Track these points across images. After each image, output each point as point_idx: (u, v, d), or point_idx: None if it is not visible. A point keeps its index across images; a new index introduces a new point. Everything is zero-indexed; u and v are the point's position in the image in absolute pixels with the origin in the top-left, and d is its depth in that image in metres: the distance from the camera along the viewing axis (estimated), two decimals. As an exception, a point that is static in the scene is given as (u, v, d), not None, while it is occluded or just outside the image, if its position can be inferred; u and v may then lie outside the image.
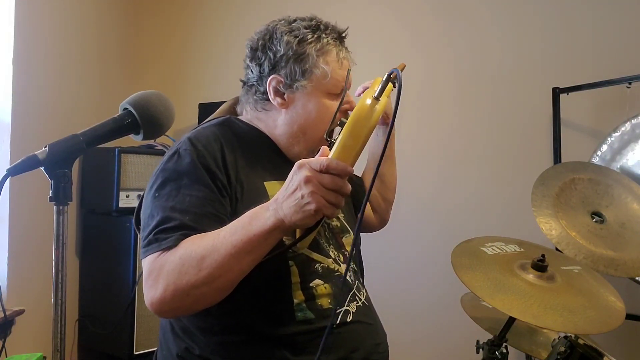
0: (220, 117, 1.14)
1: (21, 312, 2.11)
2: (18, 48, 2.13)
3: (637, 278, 1.77)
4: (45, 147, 0.79)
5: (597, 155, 2.00)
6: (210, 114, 1.18)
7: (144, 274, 0.88)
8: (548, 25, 2.32)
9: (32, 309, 2.15)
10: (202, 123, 1.12)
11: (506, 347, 1.29)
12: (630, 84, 1.95)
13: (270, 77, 1.05)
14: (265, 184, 1.02)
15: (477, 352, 1.34)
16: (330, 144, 0.84)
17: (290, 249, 0.96)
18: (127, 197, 2.38)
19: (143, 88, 0.94)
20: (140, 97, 0.89)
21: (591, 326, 1.06)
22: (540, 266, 1.19)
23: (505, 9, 2.41)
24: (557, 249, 1.57)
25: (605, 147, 1.99)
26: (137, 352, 2.30)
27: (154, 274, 0.86)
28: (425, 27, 2.56)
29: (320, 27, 1.06)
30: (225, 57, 2.83)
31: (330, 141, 0.84)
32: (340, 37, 1.09)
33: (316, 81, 1.04)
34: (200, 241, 0.86)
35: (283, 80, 1.04)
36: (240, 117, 1.15)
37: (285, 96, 1.06)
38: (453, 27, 2.51)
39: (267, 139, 1.10)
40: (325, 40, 1.05)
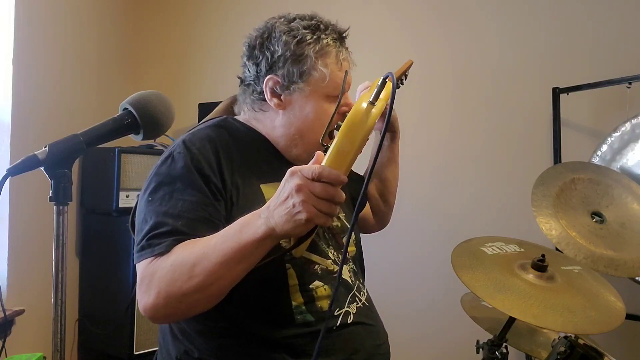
0: (217, 117, 1.12)
1: (21, 312, 2.10)
2: (18, 48, 2.13)
3: (637, 278, 1.77)
4: (45, 147, 0.79)
5: (597, 155, 2.00)
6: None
7: (137, 280, 0.87)
8: (548, 25, 2.32)
9: (32, 309, 2.15)
10: (199, 123, 1.09)
11: (506, 347, 1.29)
12: (630, 84, 1.95)
13: (267, 78, 1.02)
14: (262, 187, 1.00)
15: (477, 352, 1.34)
16: (326, 149, 0.81)
17: (287, 253, 0.94)
18: (127, 197, 2.38)
19: (143, 88, 0.94)
20: (140, 97, 0.88)
21: (591, 326, 1.06)
22: (540, 266, 1.19)
23: (505, 9, 2.41)
24: (557, 249, 1.57)
25: (605, 147, 1.99)
26: (137, 352, 2.30)
27: (146, 280, 0.85)
28: (424, 27, 2.56)
29: (320, 27, 1.03)
30: (225, 57, 2.83)
31: (326, 146, 0.82)
32: (340, 38, 1.06)
33: (314, 84, 1.01)
34: (192, 248, 0.85)
35: (280, 81, 1.02)
36: (238, 118, 1.12)
37: (282, 97, 1.03)
38: (453, 27, 2.51)
39: (265, 141, 1.07)
40: (324, 41, 1.02)
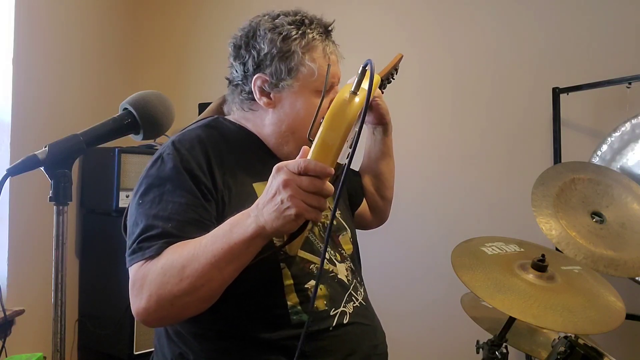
0: (208, 117, 1.11)
1: (21, 312, 2.10)
2: (18, 48, 2.12)
3: (637, 278, 1.77)
4: (45, 147, 0.79)
5: (597, 155, 2.00)
6: (210, 113, 1.17)
7: (129, 283, 0.87)
8: (548, 25, 2.32)
9: (32, 309, 2.15)
10: (189, 125, 1.09)
11: (506, 347, 1.29)
12: (630, 84, 1.95)
13: (255, 77, 1.01)
14: (255, 185, 0.99)
15: (477, 352, 1.34)
16: (312, 143, 0.80)
17: (281, 251, 0.93)
18: (127, 197, 2.38)
19: (143, 88, 0.94)
20: (140, 97, 0.88)
21: (591, 326, 1.06)
22: (540, 266, 1.19)
23: (505, 9, 2.41)
24: (557, 249, 1.57)
25: (605, 147, 1.99)
26: (137, 352, 2.30)
27: (137, 284, 0.85)
28: (424, 27, 2.56)
29: (305, 22, 1.02)
30: (225, 57, 2.81)
31: (312, 141, 0.80)
32: (326, 31, 1.05)
33: (303, 79, 1.01)
34: (182, 250, 0.84)
35: (268, 79, 1.01)
36: (228, 117, 1.11)
37: (272, 96, 1.02)
38: (452, 27, 2.51)
39: (256, 139, 1.06)
40: (310, 35, 1.01)
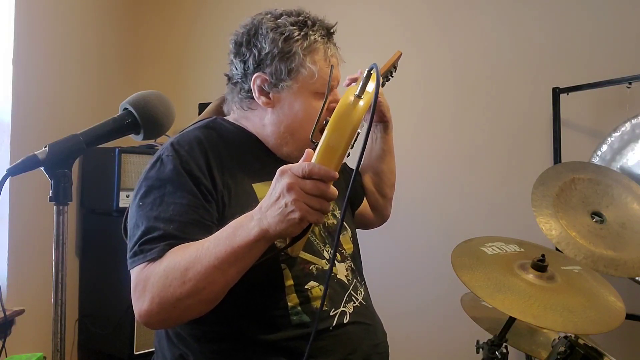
0: (207, 118, 1.11)
1: (21, 312, 2.10)
2: (18, 48, 2.12)
3: (637, 278, 1.77)
4: (45, 147, 0.79)
5: (597, 155, 2.00)
6: (210, 114, 1.17)
7: (132, 286, 0.87)
8: (548, 25, 2.32)
9: (32, 309, 2.15)
10: (188, 126, 1.08)
11: (506, 347, 1.29)
12: (630, 84, 1.95)
13: (255, 75, 1.01)
14: (254, 186, 0.99)
15: (477, 352, 1.34)
16: (316, 146, 0.79)
17: (283, 252, 0.93)
18: (127, 197, 2.38)
19: (143, 88, 0.94)
20: (140, 97, 0.88)
21: (591, 326, 1.06)
22: (540, 266, 1.19)
23: (505, 9, 2.41)
24: (557, 249, 1.57)
25: (605, 147, 1.99)
26: (137, 352, 2.30)
27: (140, 286, 0.85)
28: (423, 27, 2.56)
29: (308, 23, 1.01)
30: (225, 57, 2.82)
31: (315, 143, 0.80)
32: (328, 34, 1.04)
33: (303, 81, 1.00)
34: (184, 252, 0.84)
35: (268, 79, 1.00)
36: (227, 118, 1.11)
37: (271, 95, 1.01)
38: (452, 27, 2.50)
39: (255, 140, 1.06)
40: (312, 37, 1.00)
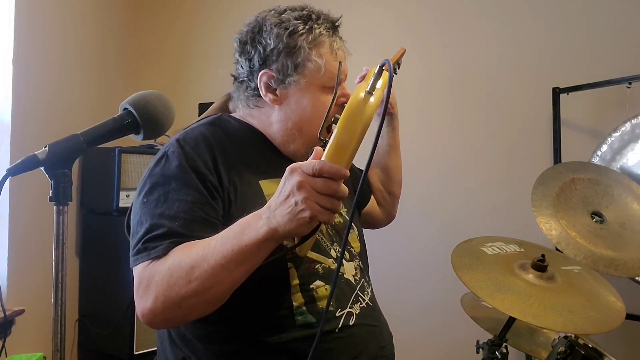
0: (212, 115, 1.10)
1: (21, 312, 2.10)
2: (18, 48, 2.13)
3: (637, 278, 1.77)
4: (45, 147, 0.79)
5: (597, 155, 2.00)
6: (210, 114, 1.17)
7: (134, 284, 0.85)
8: (548, 25, 2.32)
9: (32, 309, 2.15)
10: (193, 123, 1.07)
11: (506, 347, 1.29)
12: (630, 84, 1.95)
13: (260, 73, 1.00)
14: (261, 183, 0.98)
15: (477, 352, 1.34)
16: (324, 144, 0.78)
17: (290, 251, 0.92)
18: (127, 197, 2.38)
19: (143, 88, 0.94)
20: (140, 97, 0.88)
21: (591, 326, 1.06)
22: (540, 266, 1.19)
23: (505, 9, 2.41)
24: (557, 249, 1.57)
25: (605, 147, 1.99)
26: (137, 352, 2.30)
27: (143, 285, 0.83)
28: (423, 27, 2.56)
29: (312, 17, 1.01)
30: (226, 57, 2.81)
31: (324, 140, 0.78)
32: (333, 27, 1.03)
33: (310, 75, 0.99)
34: (190, 250, 0.82)
35: (275, 75, 0.99)
36: (233, 115, 1.10)
37: (278, 92, 1.01)
38: (452, 27, 2.50)
39: (262, 136, 1.05)
40: (317, 31, 0.99)
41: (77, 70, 2.55)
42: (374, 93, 0.78)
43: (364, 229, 1.22)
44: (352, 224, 1.11)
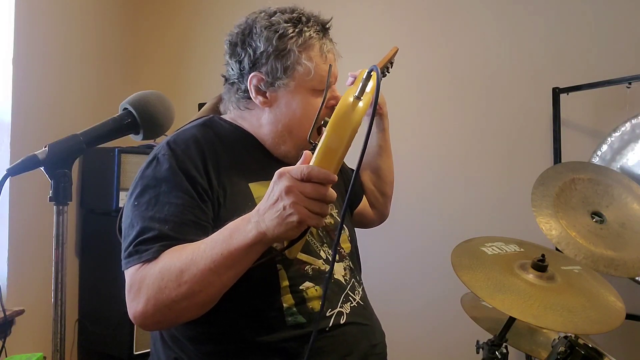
0: (203, 117, 1.10)
1: (21, 312, 2.10)
2: (18, 48, 2.12)
3: (637, 278, 1.77)
4: (45, 147, 0.79)
5: (597, 155, 2.00)
6: (210, 114, 1.17)
7: (126, 286, 0.86)
8: (548, 25, 2.32)
9: (32, 309, 2.15)
10: (184, 125, 1.08)
11: (506, 347, 1.29)
12: (630, 84, 1.95)
13: (250, 75, 1.00)
14: (251, 185, 0.98)
15: (477, 352, 1.34)
16: (314, 147, 0.78)
17: (279, 254, 0.92)
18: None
19: (143, 88, 0.94)
20: (140, 97, 0.88)
21: (591, 326, 1.06)
22: (540, 266, 1.19)
23: (505, 9, 2.41)
24: (557, 249, 1.57)
25: (605, 147, 1.99)
26: (137, 352, 2.30)
27: (135, 287, 0.84)
28: (423, 27, 2.56)
29: (302, 19, 1.01)
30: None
31: (314, 144, 0.78)
32: (323, 29, 1.03)
33: (299, 78, 1.00)
34: (180, 254, 0.83)
35: (264, 78, 1.00)
36: (224, 117, 1.10)
37: (268, 94, 1.01)
38: (451, 27, 2.50)
39: (253, 139, 1.05)
40: (307, 34, 0.99)
41: (77, 70, 2.55)
42: (362, 98, 0.78)
43: (356, 229, 1.22)
44: (344, 225, 1.11)
